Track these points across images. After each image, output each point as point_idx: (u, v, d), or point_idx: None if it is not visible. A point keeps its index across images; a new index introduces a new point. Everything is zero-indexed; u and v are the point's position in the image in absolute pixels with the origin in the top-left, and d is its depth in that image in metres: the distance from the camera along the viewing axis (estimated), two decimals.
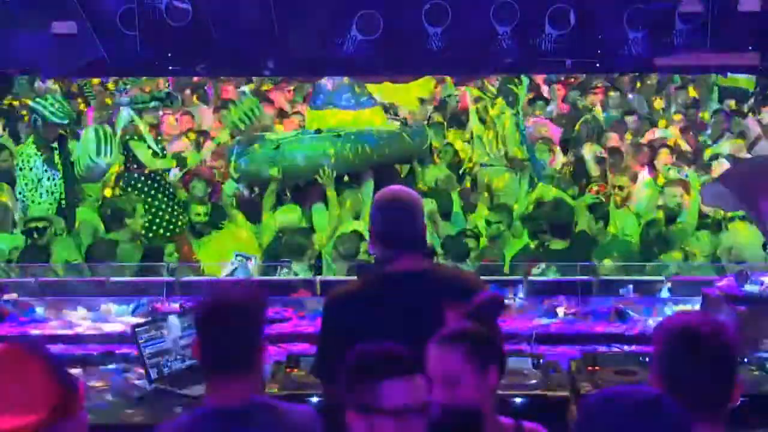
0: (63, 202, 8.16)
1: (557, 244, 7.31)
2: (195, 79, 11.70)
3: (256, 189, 8.66)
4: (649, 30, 6.35)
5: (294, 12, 6.41)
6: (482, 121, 9.34)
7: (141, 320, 5.27)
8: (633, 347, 5.36)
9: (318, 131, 8.49)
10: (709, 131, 10.90)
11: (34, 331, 5.67)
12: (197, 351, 2.97)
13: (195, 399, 4.37)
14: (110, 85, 11.36)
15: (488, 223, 7.94)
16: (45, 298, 6.16)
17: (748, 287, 5.22)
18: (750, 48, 6.44)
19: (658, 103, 12.33)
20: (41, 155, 8.11)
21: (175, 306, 5.89)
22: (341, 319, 3.52)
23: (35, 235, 7.33)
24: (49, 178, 8.11)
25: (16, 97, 11.34)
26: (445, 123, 10.77)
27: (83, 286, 6.37)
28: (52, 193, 8.12)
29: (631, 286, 6.23)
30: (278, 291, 6.31)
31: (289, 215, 7.97)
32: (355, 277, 5.40)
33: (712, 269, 7.11)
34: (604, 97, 11.78)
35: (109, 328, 5.71)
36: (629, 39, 6.37)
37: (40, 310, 6.02)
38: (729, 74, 10.76)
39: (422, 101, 11.42)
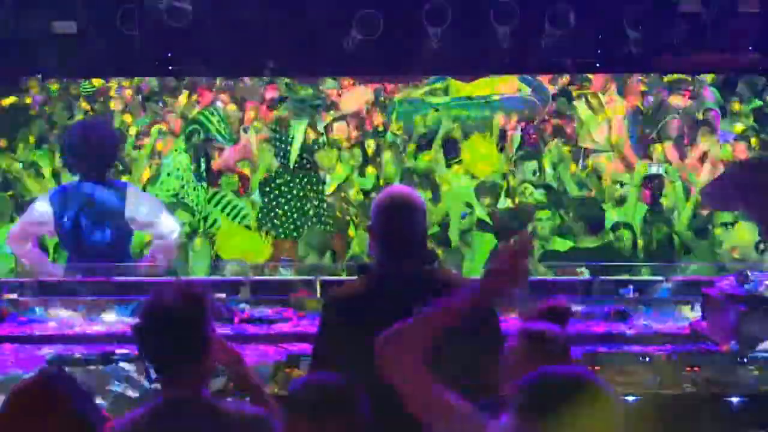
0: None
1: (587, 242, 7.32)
2: None
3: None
4: (649, 30, 6.35)
5: (293, 12, 6.41)
6: (591, 107, 9.94)
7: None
8: (633, 347, 5.36)
9: (469, 98, 9.93)
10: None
11: (33, 332, 5.68)
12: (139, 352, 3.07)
13: None
14: None
15: None
16: (45, 298, 6.16)
17: (748, 287, 5.22)
18: (750, 48, 6.44)
19: None
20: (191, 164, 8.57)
21: None
22: (339, 321, 3.51)
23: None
24: (194, 188, 8.50)
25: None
26: None
27: (83, 286, 6.36)
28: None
29: (631, 286, 6.23)
30: (278, 291, 6.30)
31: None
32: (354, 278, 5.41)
33: (712, 269, 7.10)
34: None
35: (109, 328, 5.71)
36: (629, 39, 6.36)
37: (40, 310, 6.02)
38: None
39: None
